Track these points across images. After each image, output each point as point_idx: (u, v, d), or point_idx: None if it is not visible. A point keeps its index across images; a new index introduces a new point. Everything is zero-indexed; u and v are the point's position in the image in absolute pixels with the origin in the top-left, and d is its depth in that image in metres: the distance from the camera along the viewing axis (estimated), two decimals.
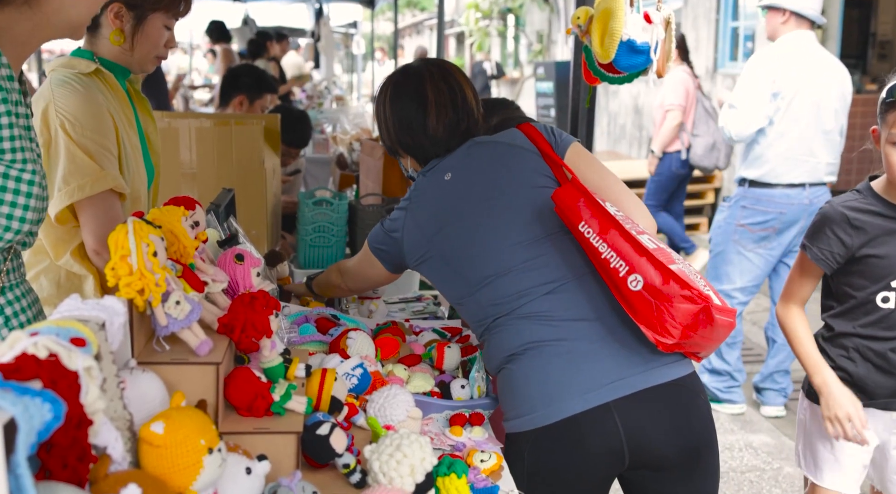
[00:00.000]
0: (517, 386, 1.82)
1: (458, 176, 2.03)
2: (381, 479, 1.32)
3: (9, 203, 1.38)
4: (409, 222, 2.04)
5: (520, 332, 1.83)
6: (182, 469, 1.06)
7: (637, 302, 1.71)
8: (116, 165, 2.04)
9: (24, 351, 0.91)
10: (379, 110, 2.17)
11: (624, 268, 1.73)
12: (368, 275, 2.27)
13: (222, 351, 1.31)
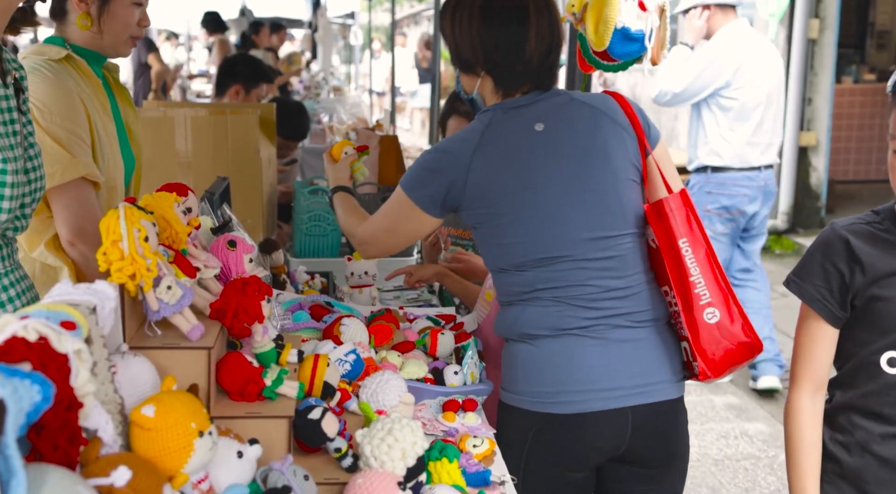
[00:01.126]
0: (537, 365, 1.82)
1: (552, 133, 1.82)
2: (372, 463, 1.32)
3: None
4: (479, 161, 1.81)
5: (563, 316, 1.80)
6: (173, 452, 1.07)
7: (705, 333, 1.76)
8: (89, 153, 2.00)
9: (14, 334, 0.92)
10: (461, 18, 1.87)
11: (706, 298, 1.77)
12: (403, 231, 1.97)
13: (214, 335, 1.31)
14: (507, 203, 1.81)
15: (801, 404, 1.69)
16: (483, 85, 1.92)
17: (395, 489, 1.25)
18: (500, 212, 1.81)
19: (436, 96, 6.30)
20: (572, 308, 1.80)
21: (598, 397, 1.78)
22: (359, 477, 1.27)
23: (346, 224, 2.16)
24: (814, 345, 1.66)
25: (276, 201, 3.95)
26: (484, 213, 1.84)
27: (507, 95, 1.89)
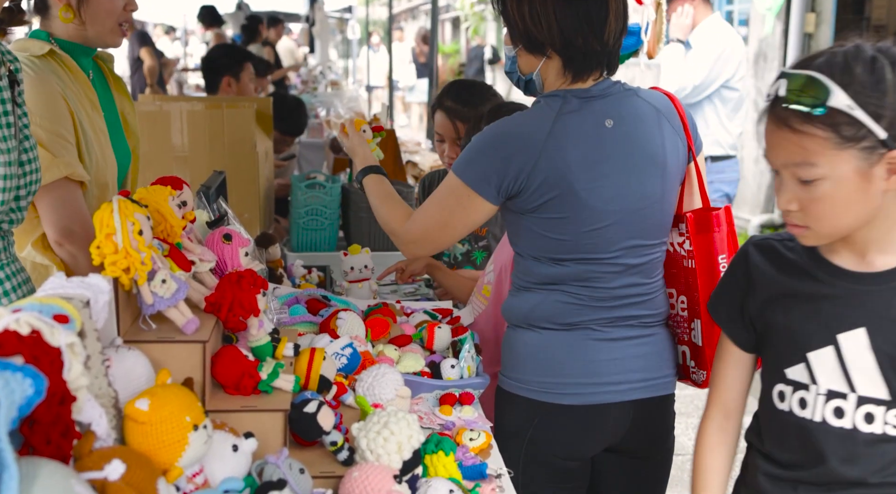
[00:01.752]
0: (545, 355, 1.83)
1: (620, 132, 1.75)
2: (368, 456, 1.32)
3: None
4: (551, 148, 1.70)
5: (583, 313, 1.81)
6: (167, 446, 1.06)
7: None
8: (73, 152, 1.94)
9: (6, 328, 0.91)
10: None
11: None
12: (461, 223, 1.83)
13: (209, 329, 1.31)
14: (567, 198, 1.72)
15: (705, 431, 1.56)
16: (547, 66, 1.80)
17: (390, 482, 1.25)
18: (559, 206, 1.73)
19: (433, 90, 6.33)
20: (593, 308, 1.81)
21: (609, 390, 1.82)
22: (355, 471, 1.27)
23: (388, 221, 1.98)
24: (724, 369, 1.53)
25: (273, 195, 3.95)
26: (542, 203, 1.73)
27: (575, 79, 1.78)
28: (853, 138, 1.23)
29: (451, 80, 6.72)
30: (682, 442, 3.67)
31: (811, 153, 1.26)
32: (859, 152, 1.24)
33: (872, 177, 1.25)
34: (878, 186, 1.26)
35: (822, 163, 1.26)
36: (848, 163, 1.25)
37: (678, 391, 1.96)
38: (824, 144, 1.25)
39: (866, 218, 1.30)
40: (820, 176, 1.27)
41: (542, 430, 1.83)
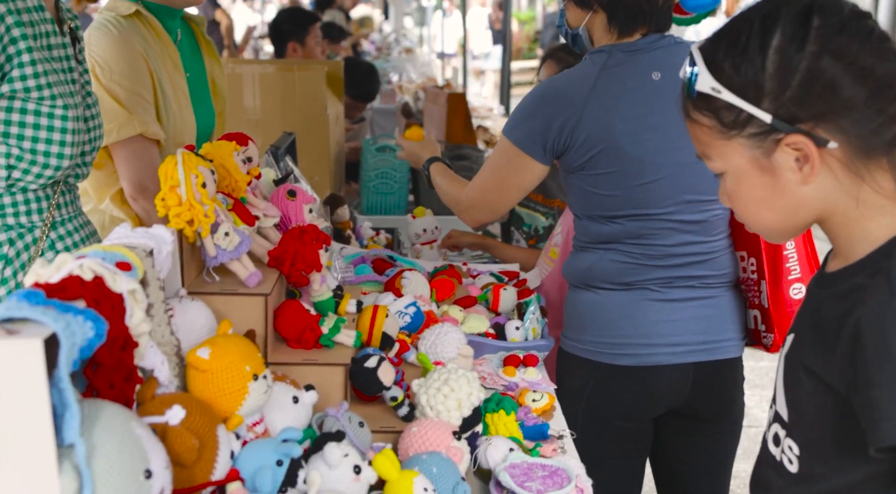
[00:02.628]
0: (602, 315, 1.81)
1: (668, 83, 1.68)
2: (428, 412, 1.32)
3: (44, 140, 1.39)
4: (594, 104, 1.70)
5: (638, 272, 1.78)
6: (228, 394, 1.08)
7: (786, 308, 1.71)
8: (151, 111, 2.00)
9: (70, 273, 0.93)
10: None
11: (796, 273, 1.71)
12: (514, 185, 1.85)
13: (271, 283, 1.32)
14: (614, 153, 1.71)
15: None
16: (593, 21, 1.78)
17: (449, 438, 1.24)
18: (606, 160, 1.72)
19: (507, 57, 6.25)
20: (649, 267, 1.78)
21: (663, 352, 1.78)
22: (414, 426, 1.27)
23: (449, 192, 2.05)
24: None
25: (343, 159, 3.97)
26: (589, 159, 1.73)
27: (621, 35, 1.76)
28: (735, 124, 1.03)
29: (526, 46, 6.59)
30: (756, 415, 3.59)
31: (703, 144, 1.09)
32: (747, 140, 1.03)
33: (775, 167, 1.03)
34: (789, 179, 1.03)
35: (714, 156, 1.08)
36: (739, 153, 1.05)
37: (753, 363, 1.92)
38: (711, 134, 1.06)
39: (793, 213, 1.06)
40: (719, 170, 1.10)
41: (599, 391, 1.80)
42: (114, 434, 0.84)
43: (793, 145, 1.01)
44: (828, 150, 1.00)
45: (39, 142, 1.38)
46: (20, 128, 1.36)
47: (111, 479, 0.82)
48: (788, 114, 1.00)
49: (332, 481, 1.10)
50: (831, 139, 0.99)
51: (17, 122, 1.36)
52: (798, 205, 1.05)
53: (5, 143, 1.36)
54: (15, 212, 1.41)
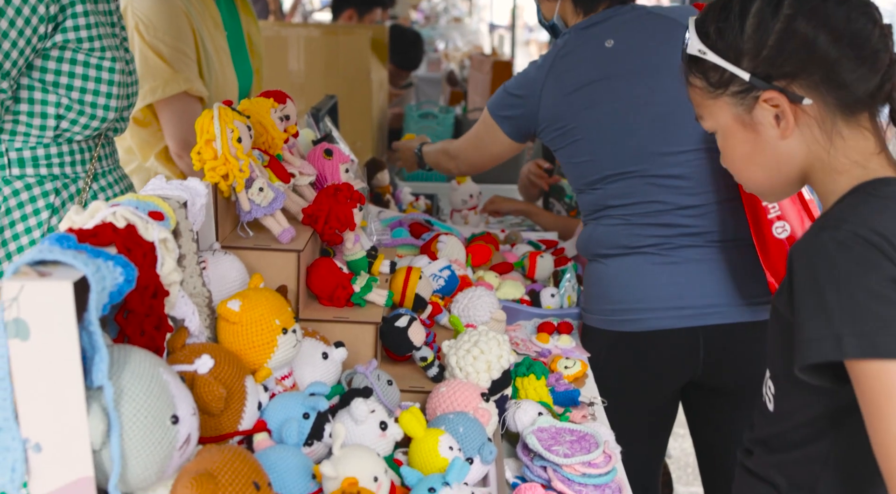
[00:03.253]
0: (609, 284, 1.79)
1: (621, 46, 1.76)
2: (457, 374, 1.32)
3: (92, 91, 1.41)
4: (550, 84, 1.80)
5: (632, 235, 1.76)
6: (257, 347, 1.09)
7: (774, 249, 1.65)
8: (194, 68, 2.01)
9: (103, 220, 0.94)
10: None
11: (775, 212, 1.66)
12: (488, 150, 2.03)
13: (305, 239, 1.32)
14: (576, 121, 1.78)
15: None
16: (563, 8, 1.89)
17: (477, 399, 1.24)
18: (572, 131, 1.79)
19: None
20: (641, 226, 1.76)
21: (666, 315, 1.73)
22: (442, 386, 1.27)
23: (441, 149, 2.24)
24: None
25: (386, 125, 3.96)
26: (558, 135, 1.82)
27: (587, 15, 1.84)
28: (720, 84, 1.13)
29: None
30: None
31: (697, 105, 1.20)
32: (731, 98, 1.13)
33: (755, 123, 1.12)
34: (769, 134, 1.11)
35: (706, 115, 1.19)
36: (725, 111, 1.15)
37: None
38: (702, 94, 1.17)
39: (777, 169, 1.13)
40: (711, 129, 1.20)
41: (610, 361, 1.77)
42: (142, 378, 0.86)
43: (770, 101, 1.10)
44: (803, 107, 1.08)
45: (87, 93, 1.40)
46: (70, 79, 1.38)
47: (138, 422, 0.84)
48: (765, 72, 1.09)
49: (358, 436, 1.10)
50: (806, 95, 1.08)
51: (68, 73, 1.38)
52: (780, 160, 1.13)
53: (55, 93, 1.38)
54: (61, 162, 1.43)
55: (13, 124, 1.39)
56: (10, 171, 1.41)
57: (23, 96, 1.37)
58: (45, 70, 1.37)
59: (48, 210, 1.43)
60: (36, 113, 1.39)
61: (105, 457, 0.84)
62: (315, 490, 1.00)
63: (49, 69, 1.37)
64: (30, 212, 1.41)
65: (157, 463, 0.86)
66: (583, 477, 1.22)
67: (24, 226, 1.40)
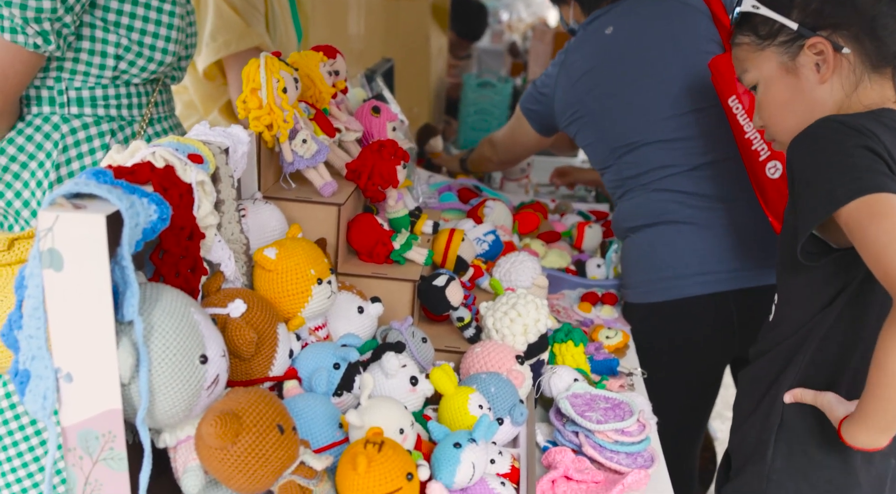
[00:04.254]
0: (640, 256, 1.80)
1: (620, 31, 1.86)
2: (493, 335, 1.31)
3: (151, 34, 1.42)
4: (562, 78, 1.91)
5: (650, 205, 1.78)
6: (291, 295, 1.09)
7: (771, 191, 1.63)
8: (263, 23, 2.01)
9: (143, 159, 0.95)
10: None
11: (765, 153, 1.63)
12: (519, 141, 2.16)
13: (346, 194, 1.32)
14: (584, 105, 1.86)
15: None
16: (575, 12, 2.02)
17: (512, 361, 1.23)
18: (582, 115, 1.87)
19: None
20: (659, 192, 1.78)
21: (694, 282, 1.73)
22: (477, 346, 1.26)
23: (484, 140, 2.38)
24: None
25: (444, 93, 3.94)
26: (572, 122, 1.91)
27: (591, 12, 1.95)
28: (769, 35, 1.26)
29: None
30: None
31: (742, 60, 1.32)
32: (778, 48, 1.26)
33: (798, 69, 1.25)
34: (809, 79, 1.24)
35: (750, 68, 1.30)
36: (770, 60, 1.27)
37: None
38: (749, 49, 1.29)
39: (808, 115, 1.22)
40: (753, 80, 1.31)
41: (644, 334, 1.74)
42: (172, 316, 0.86)
43: (814, 48, 1.22)
44: (842, 55, 1.21)
45: (147, 35, 1.41)
46: (131, 19, 1.39)
47: (167, 358, 0.84)
48: (812, 22, 1.22)
49: (388, 389, 1.10)
50: (846, 45, 1.20)
51: (129, 13, 1.39)
52: (814, 105, 1.24)
53: (116, 33, 1.40)
54: (118, 104, 1.45)
55: (73, 63, 1.41)
56: (68, 110, 1.44)
57: (84, 34, 1.39)
58: (107, 9, 1.38)
59: (103, 150, 1.45)
60: (96, 51, 1.41)
61: (133, 391, 0.85)
62: (341, 439, 1.00)
63: (111, 8, 1.38)
64: (86, 151, 1.44)
65: (185, 401, 0.87)
66: (615, 445, 1.20)
67: (79, 164, 1.42)
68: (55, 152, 1.42)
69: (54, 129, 1.43)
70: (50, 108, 1.44)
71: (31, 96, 1.44)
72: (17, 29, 1.29)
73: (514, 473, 1.08)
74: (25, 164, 1.43)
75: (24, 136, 1.43)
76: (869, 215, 1.03)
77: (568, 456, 1.18)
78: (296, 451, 0.90)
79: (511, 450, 1.13)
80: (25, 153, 1.43)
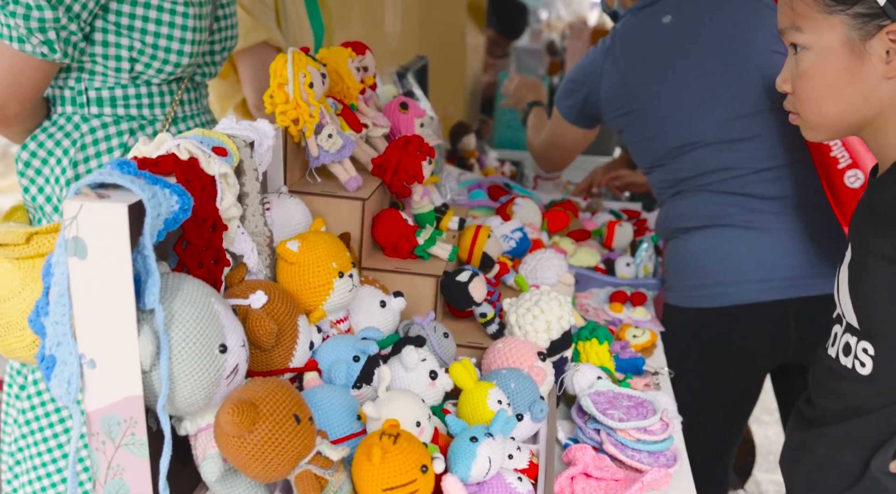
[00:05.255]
0: (690, 259, 1.74)
1: (679, 20, 1.75)
2: (516, 332, 1.31)
3: (165, 36, 1.43)
4: (608, 66, 1.81)
5: (706, 206, 1.72)
6: (313, 288, 1.10)
7: (848, 200, 1.56)
8: (273, 18, 2.00)
9: (168, 151, 0.97)
10: None
11: (846, 161, 1.57)
12: (563, 143, 2.06)
13: (371, 189, 1.33)
14: (637, 99, 1.77)
15: None
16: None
17: (533, 357, 1.23)
18: (634, 109, 1.78)
19: None
20: (717, 194, 1.70)
21: (752, 288, 1.67)
22: (499, 342, 1.26)
23: (530, 137, 2.31)
24: None
25: (480, 92, 3.94)
26: (620, 115, 1.81)
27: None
28: (844, 0, 1.04)
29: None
30: None
31: (799, 16, 1.09)
32: (850, 19, 1.04)
33: (865, 53, 1.04)
34: (874, 67, 1.04)
35: (808, 28, 1.08)
36: (835, 30, 1.06)
37: None
38: (812, 6, 1.07)
39: (857, 108, 1.07)
40: (805, 43, 1.09)
41: (693, 339, 1.72)
42: (193, 305, 0.88)
43: (893, 34, 1.01)
44: None
45: (161, 38, 1.43)
46: (143, 23, 1.41)
47: (187, 347, 0.86)
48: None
49: (408, 383, 1.11)
50: None
51: (141, 17, 1.41)
52: (867, 98, 1.06)
53: (129, 37, 1.42)
54: (138, 103, 1.47)
55: (91, 65, 1.44)
56: (88, 110, 1.47)
57: (97, 39, 1.42)
58: (119, 13, 1.40)
59: (121, 149, 1.47)
60: (110, 55, 1.43)
61: (154, 379, 0.87)
62: (359, 431, 1.01)
63: (123, 12, 1.40)
64: (103, 150, 1.46)
65: (204, 389, 0.89)
66: (637, 443, 1.19)
67: (97, 162, 1.45)
68: (73, 150, 1.45)
69: (75, 128, 1.46)
70: (72, 108, 1.47)
71: (55, 96, 1.48)
72: (24, 38, 1.31)
73: (533, 469, 1.08)
74: (46, 160, 1.47)
75: (47, 134, 1.47)
76: None
77: (588, 454, 1.17)
78: (312, 441, 0.91)
79: (531, 446, 1.13)
80: (45, 149, 1.47)
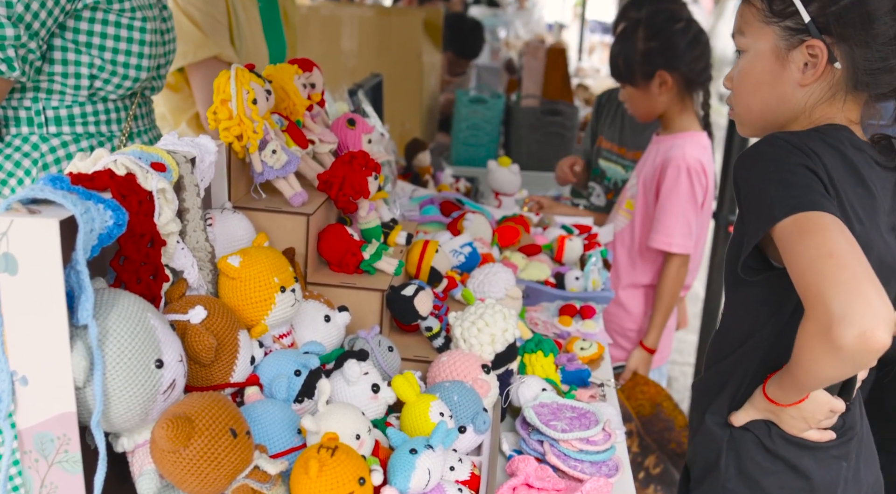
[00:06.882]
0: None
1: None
2: (461, 345, 1.32)
3: (124, 51, 1.44)
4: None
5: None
6: (254, 303, 1.10)
7: None
8: (225, 34, 2.01)
9: (105, 167, 0.97)
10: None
11: None
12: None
13: (316, 204, 1.34)
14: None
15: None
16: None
17: (477, 370, 1.24)
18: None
19: None
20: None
21: None
22: (444, 356, 1.27)
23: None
24: None
25: (437, 109, 3.97)
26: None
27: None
28: (779, 14, 1.22)
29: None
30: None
31: (744, 22, 1.28)
32: (781, 30, 1.22)
33: (787, 61, 1.23)
34: (792, 75, 1.22)
35: (748, 33, 1.27)
36: (768, 38, 1.24)
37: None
38: (756, 15, 1.25)
39: (774, 107, 1.25)
40: (744, 46, 1.28)
41: None
42: (128, 321, 0.88)
43: (811, 49, 1.19)
44: (832, 68, 1.19)
45: (119, 54, 1.43)
46: (102, 39, 1.41)
47: (122, 362, 0.86)
48: (824, 23, 1.18)
49: (350, 396, 1.11)
50: (840, 61, 1.18)
51: (100, 33, 1.41)
52: (783, 101, 1.24)
53: (88, 54, 1.41)
54: (96, 120, 1.47)
55: (49, 83, 1.43)
56: (47, 129, 1.46)
57: (56, 57, 1.41)
58: (77, 31, 1.40)
59: None
60: (70, 73, 1.43)
61: (89, 395, 0.86)
62: (300, 445, 1.01)
63: (81, 30, 1.40)
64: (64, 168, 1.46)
65: (140, 405, 0.88)
66: (579, 453, 1.21)
67: None
68: (34, 170, 1.44)
69: (33, 148, 1.45)
70: (28, 129, 1.46)
71: (9, 117, 1.46)
72: None
73: (475, 480, 1.09)
74: (5, 181, 1.46)
75: (3, 156, 1.46)
76: (799, 231, 1.05)
77: (531, 464, 1.18)
78: (249, 455, 0.91)
79: (473, 458, 1.13)
80: (4, 171, 1.45)
